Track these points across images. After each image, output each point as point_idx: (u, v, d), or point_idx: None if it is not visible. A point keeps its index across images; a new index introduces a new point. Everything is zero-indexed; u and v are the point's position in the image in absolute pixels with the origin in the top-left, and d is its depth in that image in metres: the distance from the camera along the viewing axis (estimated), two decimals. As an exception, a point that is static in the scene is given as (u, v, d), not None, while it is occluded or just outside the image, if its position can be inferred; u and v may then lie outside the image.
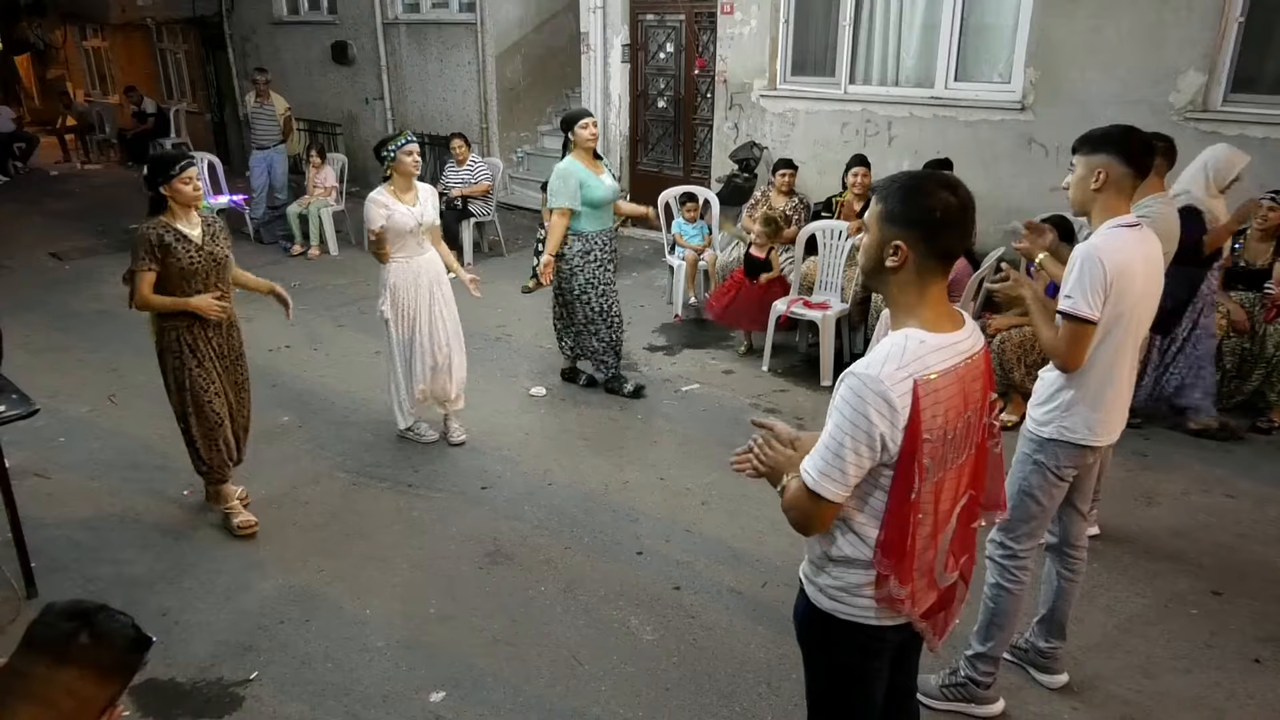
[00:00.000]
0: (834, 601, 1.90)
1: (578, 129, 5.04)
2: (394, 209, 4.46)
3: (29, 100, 19.69)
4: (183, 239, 3.73)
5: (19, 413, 3.45)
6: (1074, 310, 2.53)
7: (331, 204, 9.10)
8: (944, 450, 1.78)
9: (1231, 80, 5.35)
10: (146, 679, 3.19)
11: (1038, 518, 2.80)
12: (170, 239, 3.70)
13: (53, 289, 7.95)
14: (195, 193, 3.76)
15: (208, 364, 3.89)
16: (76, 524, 4.18)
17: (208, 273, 3.80)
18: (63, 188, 13.16)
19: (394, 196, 4.49)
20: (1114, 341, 2.62)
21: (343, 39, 11.68)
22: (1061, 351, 2.60)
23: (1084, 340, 2.56)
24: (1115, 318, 2.57)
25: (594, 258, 5.21)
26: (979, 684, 2.94)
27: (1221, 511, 4.20)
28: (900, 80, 6.84)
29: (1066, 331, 2.57)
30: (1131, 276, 2.55)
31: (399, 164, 4.47)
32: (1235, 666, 3.21)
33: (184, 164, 3.73)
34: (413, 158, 4.48)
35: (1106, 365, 2.65)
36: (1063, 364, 2.63)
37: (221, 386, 3.97)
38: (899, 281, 1.81)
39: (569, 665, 3.26)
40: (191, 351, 3.85)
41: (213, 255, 3.81)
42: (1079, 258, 2.56)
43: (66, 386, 5.67)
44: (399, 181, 4.51)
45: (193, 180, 3.75)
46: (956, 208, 1.75)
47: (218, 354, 3.94)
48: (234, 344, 4.04)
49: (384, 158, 4.51)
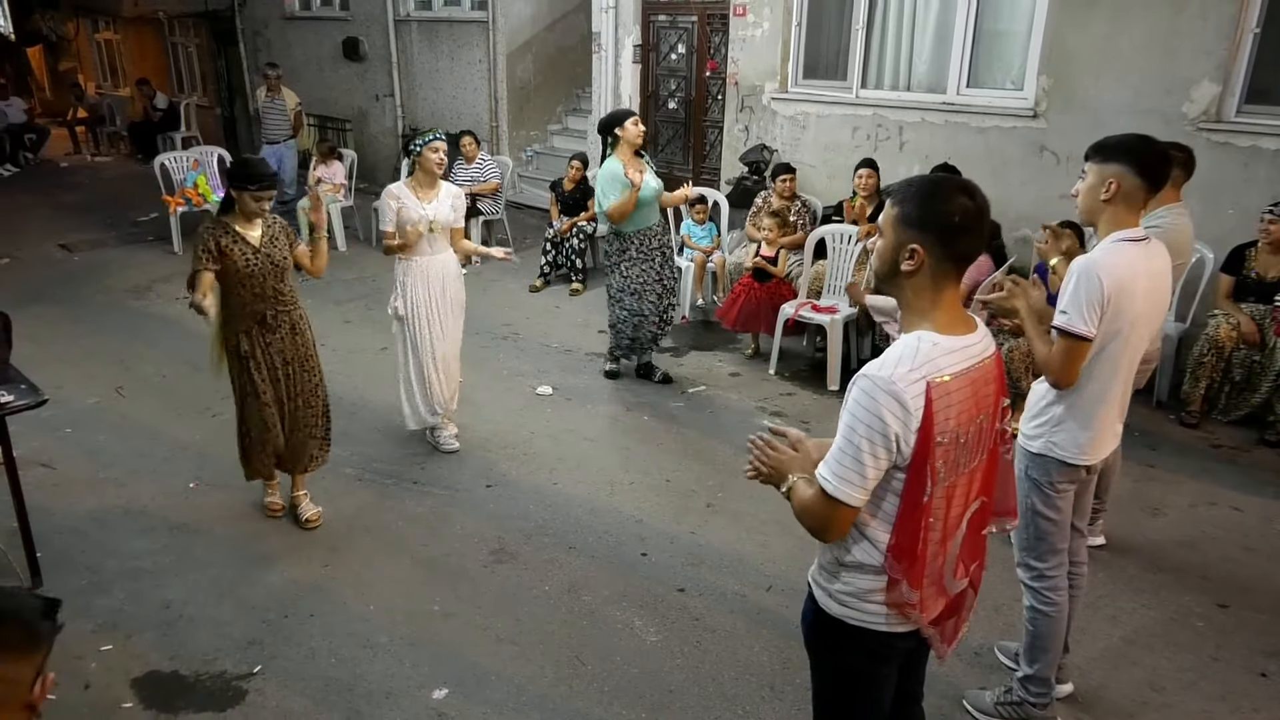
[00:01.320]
0: (844, 607, 1.90)
1: (628, 125, 5.11)
2: (405, 201, 4.44)
3: (40, 92, 19.75)
4: (240, 240, 3.72)
5: (27, 403, 3.45)
6: (1068, 326, 2.48)
7: (340, 200, 9.12)
8: (956, 454, 1.77)
9: (1246, 91, 5.32)
10: (149, 670, 3.20)
11: (1052, 533, 2.75)
12: (227, 241, 3.70)
13: (62, 281, 7.97)
14: (261, 210, 3.73)
15: (263, 370, 3.87)
16: (82, 515, 4.19)
17: (264, 275, 3.76)
18: (72, 180, 13.20)
19: (412, 191, 4.48)
20: (1109, 359, 2.56)
21: (354, 35, 11.70)
22: (1054, 367, 2.55)
23: (1078, 357, 2.51)
24: (1112, 335, 2.52)
25: (629, 256, 5.32)
26: (1034, 705, 2.90)
27: (1228, 524, 4.18)
28: (912, 85, 6.82)
29: (1060, 347, 2.52)
30: (1131, 293, 2.49)
31: (422, 159, 4.46)
32: (1241, 680, 3.19)
33: (265, 184, 3.70)
34: (437, 155, 4.45)
35: (1101, 384, 2.59)
36: (1055, 380, 2.59)
37: (274, 395, 3.92)
38: (914, 285, 1.80)
39: (572, 665, 3.25)
40: (247, 356, 3.84)
41: (270, 258, 3.77)
42: (1077, 271, 2.50)
43: (74, 378, 5.69)
44: (421, 178, 4.50)
45: (263, 200, 3.71)
46: (974, 212, 1.74)
47: (277, 360, 3.90)
48: (298, 349, 3.95)
49: (410, 151, 4.53)
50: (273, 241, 3.80)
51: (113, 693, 3.11)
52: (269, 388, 3.90)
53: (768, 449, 1.92)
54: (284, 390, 3.96)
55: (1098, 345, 2.52)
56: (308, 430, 4.07)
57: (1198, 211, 3.99)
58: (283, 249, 3.83)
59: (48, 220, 10.29)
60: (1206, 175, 4.78)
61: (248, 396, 3.90)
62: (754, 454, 1.94)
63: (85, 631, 3.39)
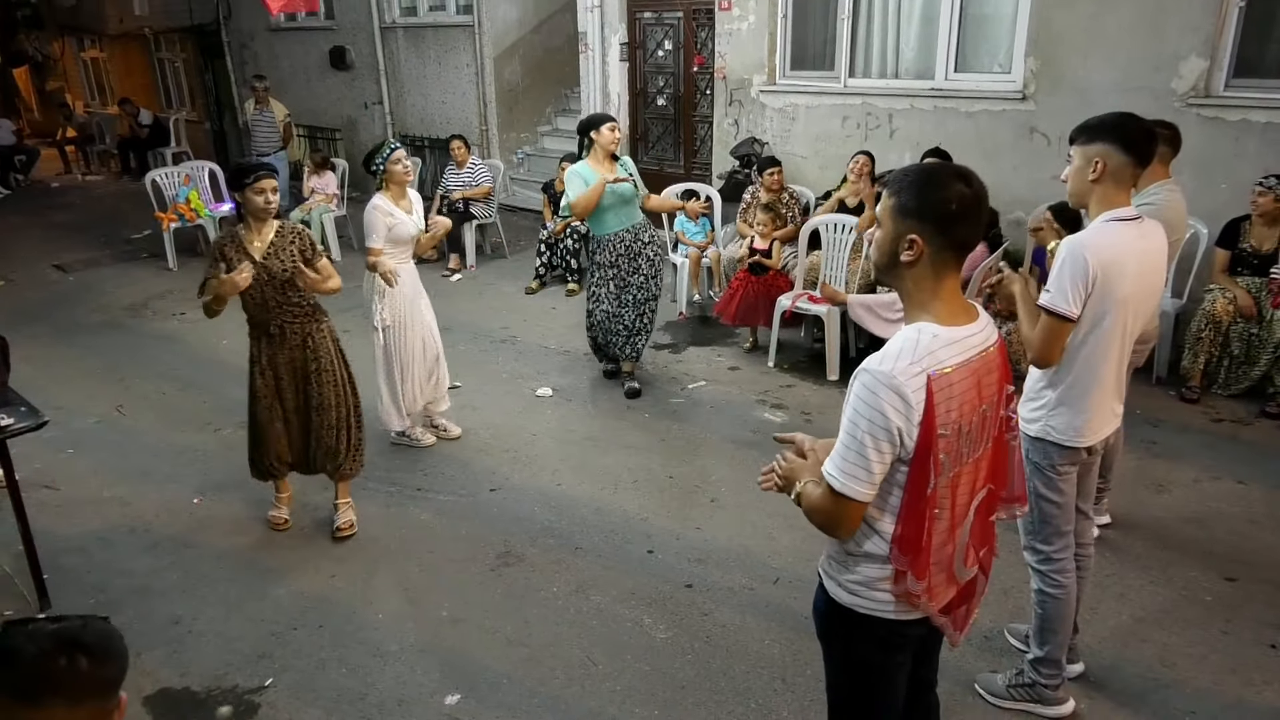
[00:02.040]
0: (853, 596, 1.90)
1: (603, 130, 5.04)
2: (398, 216, 4.49)
3: (29, 113, 19.71)
4: (241, 251, 3.71)
5: (28, 425, 3.45)
6: (1051, 305, 2.48)
7: (333, 210, 9.12)
8: (959, 445, 1.77)
9: (1233, 66, 5.32)
10: (160, 688, 3.20)
11: (1056, 515, 2.74)
12: (231, 250, 3.71)
13: (57, 301, 7.96)
14: (266, 204, 3.70)
15: (268, 376, 3.89)
16: (87, 535, 4.18)
17: (261, 286, 3.72)
18: (64, 199, 13.17)
19: (393, 203, 4.51)
20: (1098, 340, 2.55)
21: (340, 44, 11.69)
22: (1035, 345, 2.55)
23: (1060, 336, 2.51)
24: (1099, 316, 2.50)
25: (597, 260, 5.24)
26: (1046, 686, 2.90)
27: (1233, 498, 4.19)
28: (900, 72, 6.82)
29: (1042, 326, 2.52)
30: (1120, 273, 2.47)
31: (390, 174, 4.50)
32: (1251, 653, 3.19)
33: (259, 175, 3.69)
34: (401, 166, 4.49)
35: (1092, 365, 2.58)
36: (1035, 358, 2.58)
37: (279, 402, 3.93)
38: (914, 276, 1.79)
39: (583, 666, 3.25)
40: (254, 360, 3.89)
41: (267, 269, 3.71)
42: (1064, 252, 2.49)
43: (74, 398, 5.68)
44: (394, 190, 4.54)
45: (265, 191, 3.69)
46: (971, 199, 1.74)
47: (284, 370, 3.89)
48: (308, 362, 3.91)
49: (375, 171, 4.54)
50: (277, 253, 3.74)
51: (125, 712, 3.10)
52: (271, 394, 3.92)
53: (780, 462, 1.94)
54: (291, 401, 3.95)
55: (1086, 326, 2.51)
56: (323, 443, 4.01)
57: (1190, 187, 3.99)
58: (287, 261, 3.75)
59: (41, 241, 10.28)
60: (1198, 150, 4.80)
61: (251, 398, 3.95)
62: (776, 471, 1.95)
63: (95, 651, 3.39)
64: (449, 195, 8.40)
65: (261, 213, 3.72)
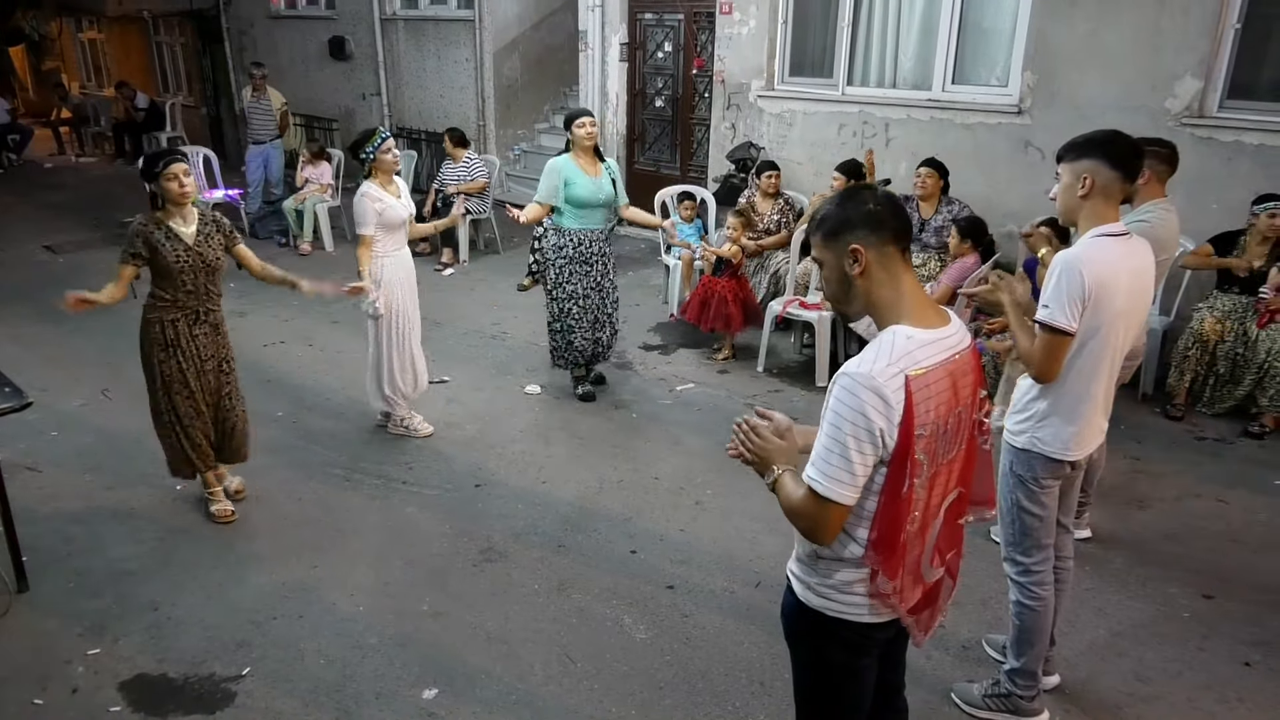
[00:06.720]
0: (822, 599, 1.91)
1: (574, 127, 5.04)
2: (387, 201, 4.56)
3: (24, 92, 19.58)
4: (172, 237, 3.72)
5: (11, 405, 3.43)
6: (1050, 320, 2.49)
7: (327, 200, 9.09)
8: (937, 445, 1.79)
9: (1228, 87, 5.36)
10: (137, 673, 3.19)
11: (1037, 528, 2.76)
12: (159, 237, 3.71)
13: (46, 282, 7.89)
14: (181, 190, 3.71)
15: (191, 362, 3.89)
16: (68, 518, 4.16)
17: (196, 273, 3.78)
18: (57, 180, 13.10)
19: (381, 189, 4.59)
20: (1091, 354, 2.57)
21: (340, 34, 11.66)
22: (1036, 361, 2.57)
23: (1060, 351, 2.53)
24: (1093, 330, 2.52)
25: (567, 254, 5.14)
26: (1022, 697, 2.92)
27: (1213, 516, 4.22)
28: (898, 82, 6.84)
29: (1042, 341, 2.53)
30: (1113, 290, 2.50)
31: (380, 163, 4.58)
32: (1226, 670, 3.22)
33: (169, 160, 3.71)
34: (391, 155, 4.60)
35: (1083, 379, 2.60)
36: (1037, 374, 2.60)
37: (195, 386, 3.93)
38: (870, 284, 1.83)
39: (562, 663, 3.26)
40: (174, 345, 3.86)
41: (202, 256, 3.78)
42: (1059, 266, 2.51)
43: (59, 380, 5.65)
44: (381, 177, 4.62)
45: (178, 177, 3.69)
46: (884, 198, 1.85)
47: (205, 355, 3.92)
48: (218, 349, 3.97)
49: (364, 159, 4.59)
50: (207, 240, 3.82)
51: (101, 696, 3.09)
52: (195, 380, 3.92)
53: (753, 435, 1.92)
54: (213, 386, 4.00)
55: (1079, 341, 2.53)
56: (236, 431, 4.13)
57: (1182, 206, 4.01)
58: (216, 248, 3.85)
59: (32, 221, 10.22)
60: (1190, 170, 4.81)
61: (174, 386, 3.90)
62: (739, 435, 1.94)
63: (72, 635, 3.38)
64: (444, 189, 8.38)
65: (180, 198, 3.73)
